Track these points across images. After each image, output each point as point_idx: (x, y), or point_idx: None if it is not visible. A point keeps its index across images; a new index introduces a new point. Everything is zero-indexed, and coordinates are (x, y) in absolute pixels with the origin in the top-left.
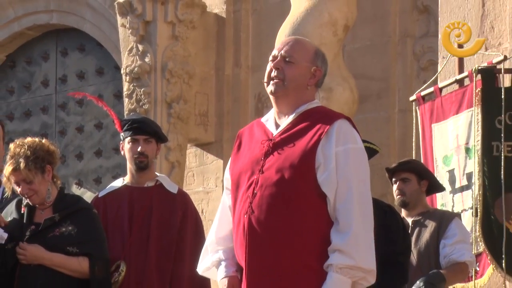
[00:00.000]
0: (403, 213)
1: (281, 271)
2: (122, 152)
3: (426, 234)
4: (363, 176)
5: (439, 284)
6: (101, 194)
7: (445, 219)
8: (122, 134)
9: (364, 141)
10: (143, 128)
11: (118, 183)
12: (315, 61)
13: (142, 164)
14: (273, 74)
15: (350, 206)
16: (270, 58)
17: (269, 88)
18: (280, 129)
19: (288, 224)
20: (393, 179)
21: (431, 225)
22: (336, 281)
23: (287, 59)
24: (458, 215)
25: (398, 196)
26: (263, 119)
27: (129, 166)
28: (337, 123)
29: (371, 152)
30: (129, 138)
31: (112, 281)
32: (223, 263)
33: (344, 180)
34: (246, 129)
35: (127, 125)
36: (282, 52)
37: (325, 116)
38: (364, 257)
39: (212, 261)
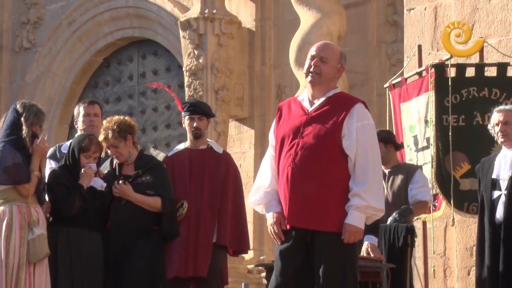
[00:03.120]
0: (383, 167)
1: (313, 206)
2: (183, 125)
3: (398, 181)
4: (375, 143)
5: (408, 216)
6: (169, 154)
7: (411, 170)
8: (183, 113)
9: None
10: (197, 110)
11: (181, 146)
12: (340, 60)
13: (197, 135)
14: (312, 69)
15: (366, 165)
16: (309, 57)
17: (308, 79)
18: (314, 106)
19: (320, 176)
20: None
21: (401, 174)
22: (355, 216)
23: (323, 59)
24: (420, 167)
25: None
26: (299, 98)
27: (189, 135)
28: (356, 105)
29: None
30: (187, 116)
31: (178, 214)
32: (273, 202)
33: (362, 146)
34: (285, 104)
35: (186, 107)
36: (321, 54)
37: (348, 100)
38: (375, 199)
39: (263, 200)
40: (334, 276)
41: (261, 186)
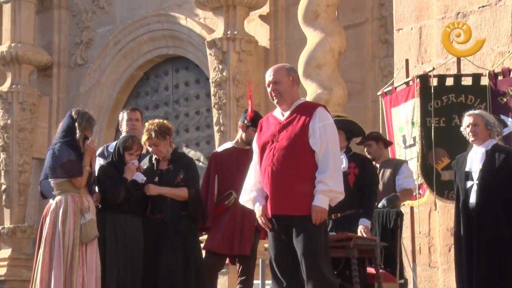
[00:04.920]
0: (374, 162)
1: (290, 196)
2: (241, 129)
3: (387, 173)
4: (335, 138)
5: (395, 201)
6: (219, 150)
7: (399, 164)
8: (248, 121)
9: (355, 123)
10: None
11: (228, 145)
12: (290, 73)
13: (251, 143)
14: (273, 94)
15: (327, 157)
16: (266, 84)
17: (275, 101)
18: (284, 117)
19: (294, 170)
20: (363, 144)
21: (390, 168)
22: (320, 199)
23: (275, 82)
24: (406, 161)
25: (368, 155)
26: (274, 113)
27: (244, 139)
28: (318, 109)
29: (361, 130)
30: (254, 129)
31: (227, 201)
32: (258, 198)
33: (324, 142)
34: (264, 119)
35: (256, 120)
36: (271, 79)
37: (311, 107)
38: (335, 184)
39: (250, 197)
40: (310, 251)
41: (248, 187)
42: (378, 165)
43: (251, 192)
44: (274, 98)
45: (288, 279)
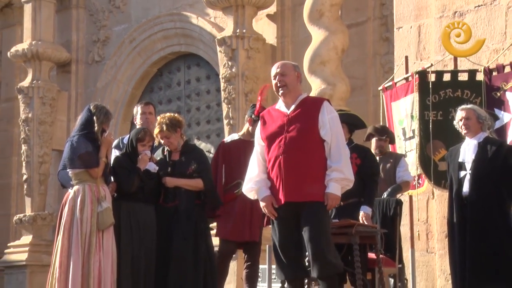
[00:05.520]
0: (376, 154)
1: (302, 183)
2: (248, 123)
3: (389, 165)
4: (341, 130)
5: (398, 191)
6: (226, 140)
7: (398, 157)
8: (255, 116)
9: (357, 117)
10: None
11: (234, 136)
12: (295, 70)
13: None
14: (279, 84)
15: (339, 147)
16: (273, 78)
17: (280, 92)
18: (290, 110)
19: (305, 159)
20: (375, 138)
21: (390, 160)
22: (334, 187)
23: (282, 74)
24: (403, 155)
25: (377, 148)
26: (276, 106)
27: (250, 132)
28: (324, 103)
29: (363, 123)
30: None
31: (235, 191)
32: (262, 188)
33: (334, 133)
34: (265, 112)
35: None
36: (278, 71)
37: (316, 101)
38: (348, 173)
39: (254, 187)
40: (318, 236)
41: (251, 177)
42: (378, 158)
43: (256, 183)
44: (280, 89)
45: (292, 264)
